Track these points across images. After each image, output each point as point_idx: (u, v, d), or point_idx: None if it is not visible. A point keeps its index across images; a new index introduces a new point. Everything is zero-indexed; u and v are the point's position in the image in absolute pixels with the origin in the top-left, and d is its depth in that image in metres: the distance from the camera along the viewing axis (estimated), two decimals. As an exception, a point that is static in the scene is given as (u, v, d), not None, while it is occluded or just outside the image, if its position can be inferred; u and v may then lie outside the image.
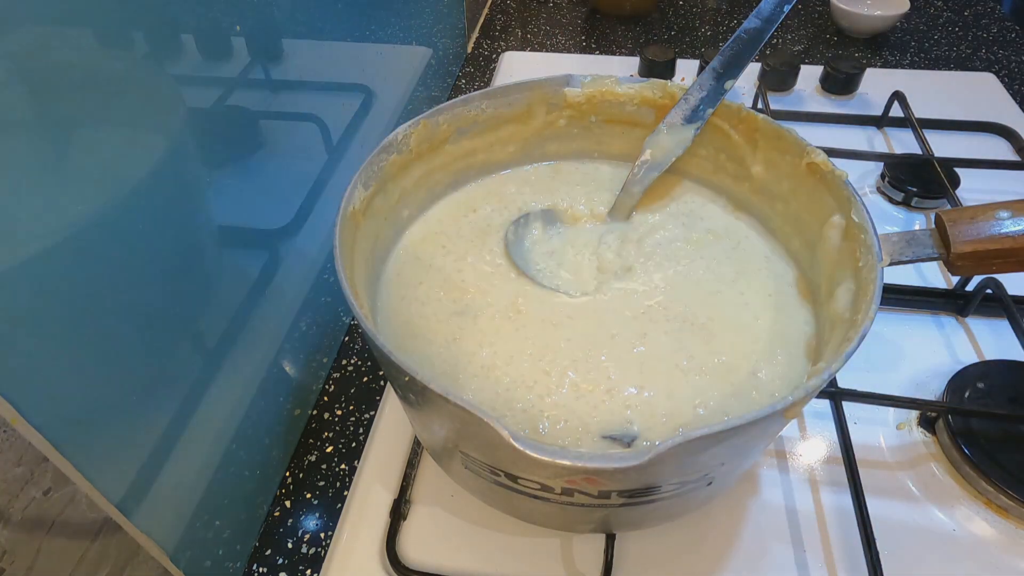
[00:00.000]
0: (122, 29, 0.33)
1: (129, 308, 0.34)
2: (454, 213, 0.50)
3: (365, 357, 0.59)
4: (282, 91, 0.49)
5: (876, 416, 0.51)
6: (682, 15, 1.10)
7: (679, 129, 0.49)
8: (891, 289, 0.58)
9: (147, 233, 0.34)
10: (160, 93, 0.36)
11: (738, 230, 0.49)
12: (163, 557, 0.38)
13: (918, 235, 0.40)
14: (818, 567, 0.43)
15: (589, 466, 0.28)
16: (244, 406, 0.46)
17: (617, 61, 0.96)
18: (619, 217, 0.49)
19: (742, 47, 0.47)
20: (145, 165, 0.35)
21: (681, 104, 0.49)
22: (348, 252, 0.39)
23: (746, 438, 0.33)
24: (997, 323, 0.57)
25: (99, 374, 0.33)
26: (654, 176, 0.49)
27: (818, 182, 0.43)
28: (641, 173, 0.49)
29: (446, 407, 0.30)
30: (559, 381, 0.40)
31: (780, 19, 0.47)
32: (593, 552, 0.44)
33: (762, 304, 0.44)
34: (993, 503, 0.46)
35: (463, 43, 1.00)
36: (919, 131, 0.73)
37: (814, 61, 0.95)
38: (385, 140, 0.44)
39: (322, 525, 0.48)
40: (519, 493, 0.35)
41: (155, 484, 0.36)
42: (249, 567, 0.46)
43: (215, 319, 0.42)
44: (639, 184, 0.49)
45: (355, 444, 0.52)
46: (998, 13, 1.07)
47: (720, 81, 0.47)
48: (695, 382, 0.40)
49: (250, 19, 0.43)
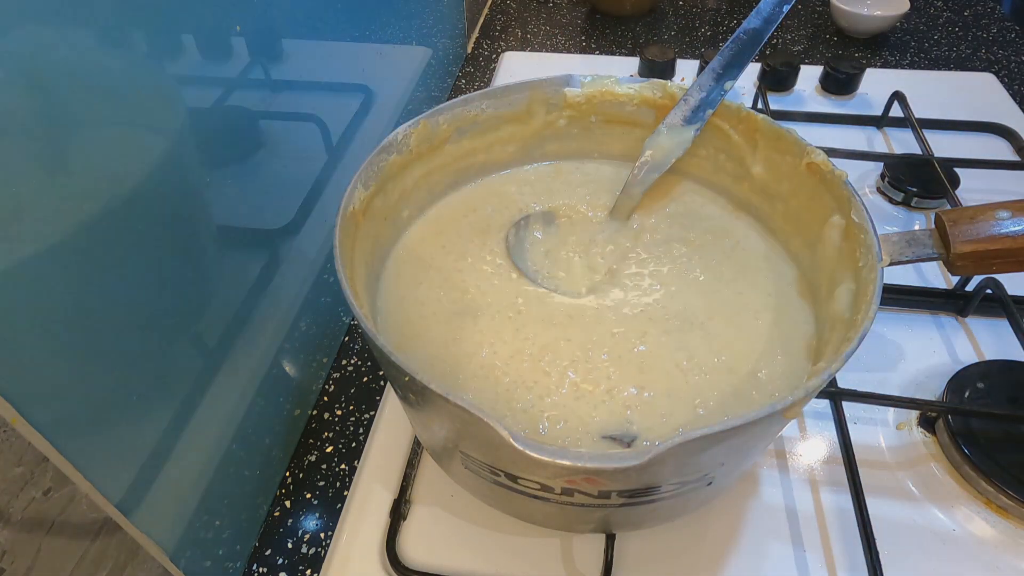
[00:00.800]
0: (122, 29, 0.33)
1: (129, 308, 0.34)
2: (454, 213, 0.50)
3: (365, 357, 0.59)
4: (282, 91, 0.49)
5: (876, 416, 0.51)
6: (682, 15, 1.10)
7: (679, 130, 0.49)
8: (891, 289, 0.58)
9: (147, 233, 0.34)
10: (160, 93, 0.36)
11: (738, 230, 0.49)
12: (163, 557, 0.38)
13: (918, 235, 0.40)
14: (818, 567, 0.43)
15: (589, 466, 0.28)
16: (244, 406, 0.46)
17: (617, 61, 0.96)
18: (619, 217, 0.49)
19: (742, 47, 0.47)
20: (145, 165, 0.35)
21: (681, 105, 0.49)
22: (348, 252, 0.39)
23: (746, 438, 0.33)
24: (997, 323, 0.57)
25: (99, 374, 0.33)
26: (654, 177, 0.49)
27: (818, 182, 0.43)
28: (641, 174, 0.49)
29: (446, 407, 0.30)
30: (559, 381, 0.40)
31: (779, 19, 0.47)
32: (593, 552, 0.44)
33: (762, 304, 0.44)
34: (993, 503, 0.46)
35: (463, 43, 1.00)
36: (919, 131, 0.73)
37: (814, 61, 0.95)
38: (385, 140, 0.44)
39: (322, 525, 0.48)
40: (519, 493, 0.35)
41: (155, 484, 0.36)
42: (249, 567, 0.46)
43: (215, 319, 0.42)
44: (640, 185, 0.49)
45: (355, 444, 0.52)
46: (998, 13, 1.07)
47: (720, 82, 0.47)
48: (695, 382, 0.40)
49: (250, 19, 0.43)
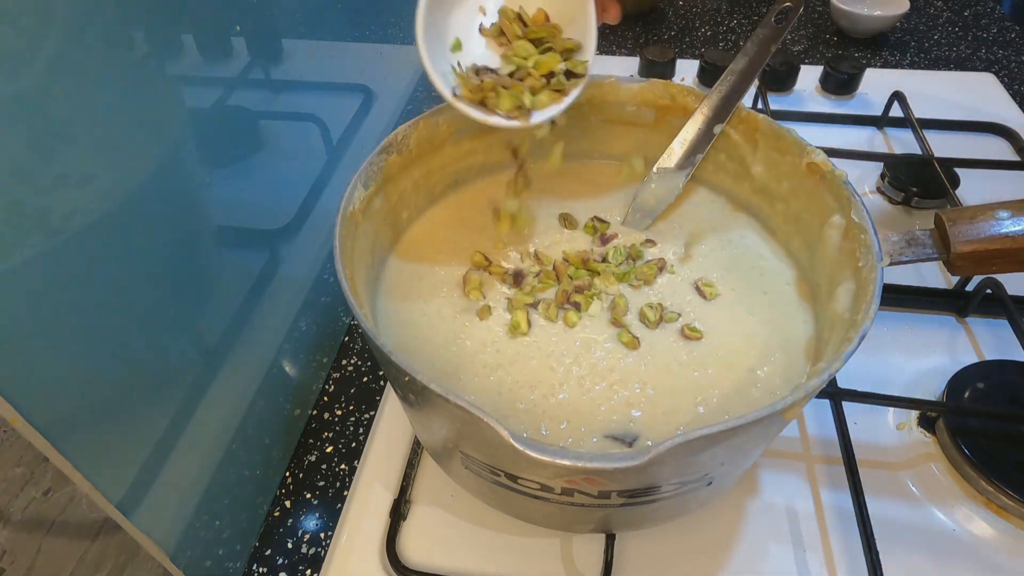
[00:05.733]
0: (122, 29, 0.33)
1: (129, 308, 0.34)
2: (454, 213, 0.50)
3: (365, 357, 0.59)
4: (282, 91, 0.49)
5: (876, 416, 0.51)
6: (682, 15, 1.10)
7: (670, 175, 0.49)
8: (891, 289, 0.58)
9: (147, 233, 0.34)
10: (160, 93, 0.36)
11: (737, 229, 0.49)
12: (163, 557, 0.38)
13: (918, 235, 0.40)
14: (818, 567, 0.43)
15: (589, 466, 0.28)
16: (244, 406, 0.46)
17: (617, 61, 0.96)
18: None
19: (730, 90, 0.48)
20: (145, 165, 0.35)
21: (670, 151, 0.49)
22: (348, 252, 0.39)
23: (746, 438, 0.33)
24: (997, 323, 0.57)
25: (99, 374, 0.33)
26: (648, 222, 0.50)
27: (818, 182, 0.43)
28: (636, 220, 0.50)
29: (446, 407, 0.30)
30: (561, 381, 0.40)
31: (766, 59, 0.47)
32: (593, 552, 0.44)
33: (761, 303, 0.44)
34: (993, 503, 0.46)
35: (463, 43, 1.00)
36: (919, 131, 0.73)
37: (814, 61, 0.95)
38: (385, 140, 0.44)
39: (322, 525, 0.48)
40: (519, 493, 0.35)
41: (155, 484, 0.36)
42: (249, 567, 0.46)
43: (215, 319, 0.42)
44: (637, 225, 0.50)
45: (355, 444, 0.52)
46: (998, 13, 1.07)
47: (709, 126, 0.48)
48: (696, 380, 0.40)
49: (250, 19, 0.43)
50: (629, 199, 0.51)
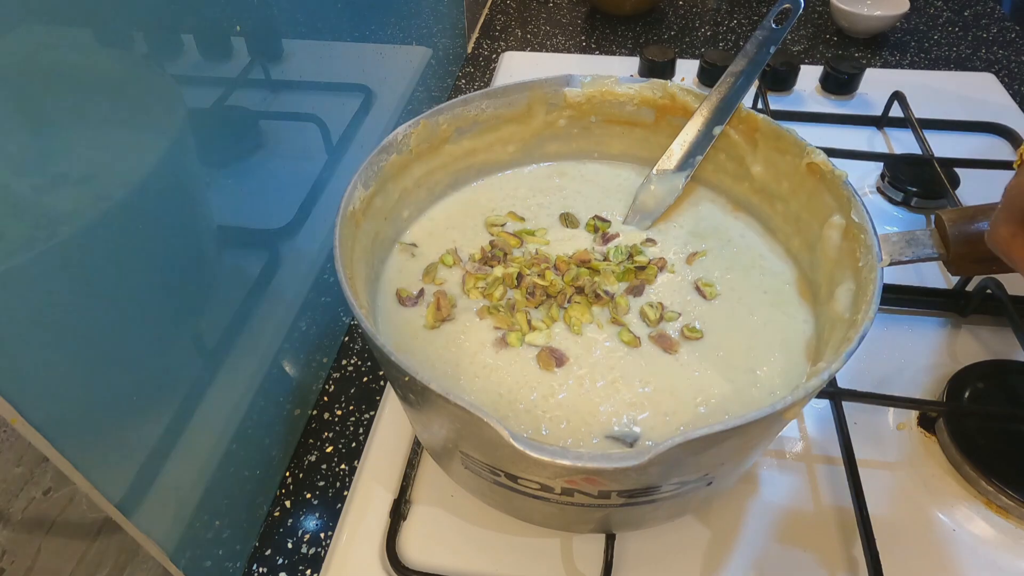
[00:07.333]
0: (122, 29, 0.33)
1: (129, 308, 0.34)
2: (454, 213, 0.50)
3: (365, 357, 0.59)
4: (282, 91, 0.49)
5: (876, 416, 0.51)
6: (682, 15, 1.10)
7: (669, 177, 0.49)
8: (891, 289, 0.58)
9: (147, 233, 0.34)
10: (160, 93, 0.36)
11: (737, 229, 0.49)
12: (163, 557, 0.38)
13: (918, 235, 0.40)
14: (818, 567, 0.43)
15: (589, 466, 0.28)
16: (244, 406, 0.46)
17: (617, 61, 0.96)
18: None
19: (729, 91, 0.48)
20: (145, 165, 0.35)
21: (669, 152, 0.49)
22: (348, 252, 0.39)
23: (746, 438, 0.33)
24: (997, 323, 0.57)
25: (99, 374, 0.33)
26: (648, 223, 0.50)
27: (818, 182, 0.43)
28: (636, 220, 0.50)
29: (446, 407, 0.30)
30: (561, 380, 0.40)
31: (766, 60, 0.47)
32: (593, 552, 0.44)
33: (761, 303, 0.44)
34: (993, 503, 0.46)
35: (463, 43, 1.00)
36: (919, 131, 0.73)
37: (814, 61, 0.95)
38: (385, 140, 0.44)
39: (322, 525, 0.48)
40: (519, 493, 0.35)
41: (155, 484, 0.36)
42: (249, 567, 0.46)
43: (215, 319, 0.42)
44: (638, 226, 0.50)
45: (355, 444, 0.52)
46: (998, 13, 1.07)
47: (708, 128, 0.48)
48: (696, 379, 0.40)
49: (250, 19, 0.43)
50: (629, 199, 0.51)
